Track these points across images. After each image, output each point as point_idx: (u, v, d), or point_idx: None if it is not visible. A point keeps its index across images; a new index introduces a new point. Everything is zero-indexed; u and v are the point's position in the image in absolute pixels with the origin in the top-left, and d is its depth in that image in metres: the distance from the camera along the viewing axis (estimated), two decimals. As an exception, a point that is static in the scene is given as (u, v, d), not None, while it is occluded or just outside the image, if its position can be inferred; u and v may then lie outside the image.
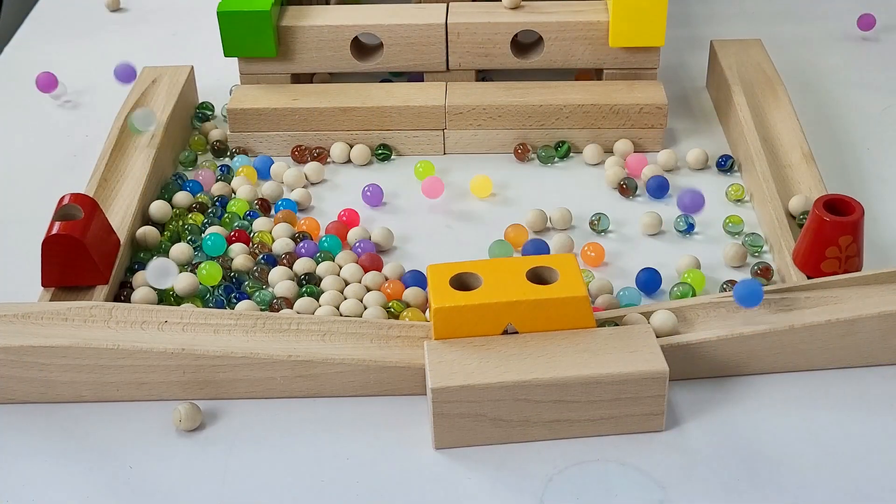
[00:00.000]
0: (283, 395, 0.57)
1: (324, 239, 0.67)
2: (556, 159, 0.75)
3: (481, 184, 0.71)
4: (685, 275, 0.63)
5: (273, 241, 0.67)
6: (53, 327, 0.57)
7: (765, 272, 0.63)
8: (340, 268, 0.65)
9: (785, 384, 0.57)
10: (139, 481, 0.53)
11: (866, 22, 0.89)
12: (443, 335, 0.55)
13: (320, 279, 0.64)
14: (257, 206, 0.70)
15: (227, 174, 0.74)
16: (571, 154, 0.76)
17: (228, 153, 0.76)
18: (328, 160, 0.76)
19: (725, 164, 0.73)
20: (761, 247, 0.66)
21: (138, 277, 0.64)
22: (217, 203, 0.70)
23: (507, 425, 0.53)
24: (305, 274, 0.64)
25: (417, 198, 0.72)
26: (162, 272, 0.58)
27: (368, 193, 0.71)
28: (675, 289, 0.62)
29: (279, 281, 0.63)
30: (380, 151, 0.75)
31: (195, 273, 0.63)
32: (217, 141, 0.77)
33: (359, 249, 0.66)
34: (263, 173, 0.74)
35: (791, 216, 0.66)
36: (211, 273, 0.63)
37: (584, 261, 0.66)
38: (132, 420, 0.56)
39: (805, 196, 0.66)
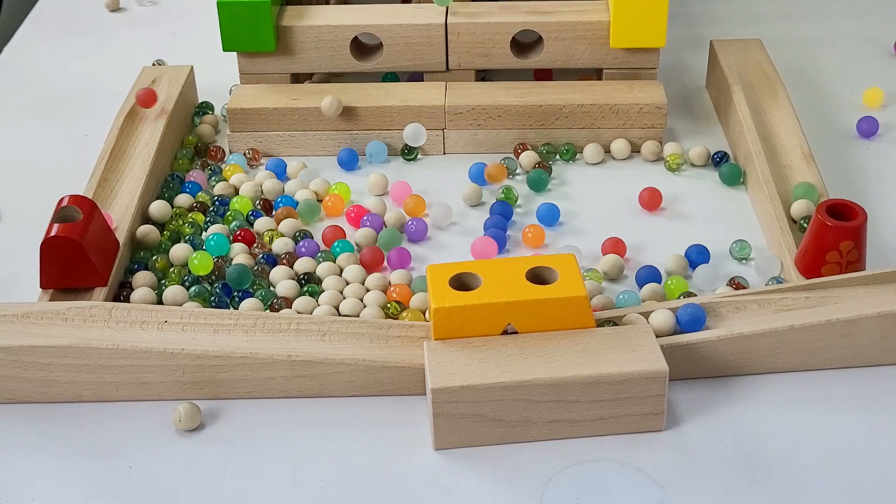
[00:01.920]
0: (283, 395, 0.57)
1: (336, 244, 0.66)
2: (558, 158, 0.75)
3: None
4: (669, 281, 0.63)
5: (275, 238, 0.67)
6: (53, 327, 0.57)
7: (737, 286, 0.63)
8: (342, 269, 0.65)
9: (785, 384, 0.57)
10: (139, 481, 0.53)
11: (868, 129, 0.77)
12: (442, 335, 0.55)
13: (321, 279, 0.64)
14: (259, 206, 0.70)
15: (218, 174, 0.74)
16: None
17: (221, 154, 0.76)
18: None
19: (723, 162, 0.73)
20: (748, 254, 0.66)
21: (138, 278, 0.63)
22: (218, 202, 0.70)
23: (506, 425, 0.53)
24: (305, 274, 0.64)
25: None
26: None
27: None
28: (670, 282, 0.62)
29: (280, 281, 0.63)
30: (408, 157, 0.75)
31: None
32: (210, 142, 0.76)
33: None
34: (278, 176, 0.74)
35: (792, 220, 0.66)
36: (203, 262, 0.63)
37: (525, 242, 0.67)
38: (132, 420, 0.56)
39: (806, 201, 0.66)
